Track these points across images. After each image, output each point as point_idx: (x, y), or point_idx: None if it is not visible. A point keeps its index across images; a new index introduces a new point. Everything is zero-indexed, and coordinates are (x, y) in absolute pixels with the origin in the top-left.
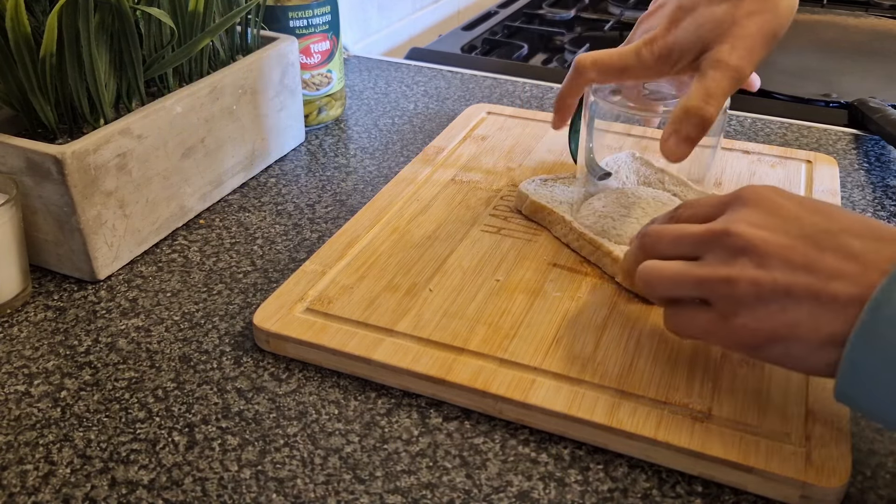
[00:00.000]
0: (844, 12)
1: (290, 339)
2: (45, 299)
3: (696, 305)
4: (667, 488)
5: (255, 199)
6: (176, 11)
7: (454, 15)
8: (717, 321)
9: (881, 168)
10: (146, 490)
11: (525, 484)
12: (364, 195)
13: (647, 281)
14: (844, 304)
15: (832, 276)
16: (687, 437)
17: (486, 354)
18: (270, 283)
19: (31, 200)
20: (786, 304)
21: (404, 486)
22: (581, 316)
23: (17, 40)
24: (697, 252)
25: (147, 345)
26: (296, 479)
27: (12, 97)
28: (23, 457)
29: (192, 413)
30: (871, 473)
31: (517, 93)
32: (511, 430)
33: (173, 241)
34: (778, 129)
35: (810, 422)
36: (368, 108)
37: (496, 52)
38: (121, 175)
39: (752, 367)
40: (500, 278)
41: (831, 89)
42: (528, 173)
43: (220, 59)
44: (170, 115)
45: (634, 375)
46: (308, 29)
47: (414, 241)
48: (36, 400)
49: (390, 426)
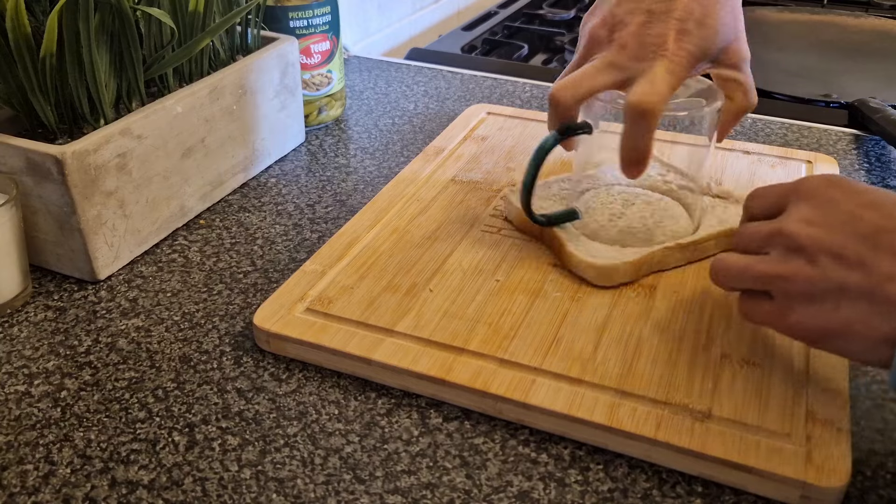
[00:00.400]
0: (844, 12)
1: (291, 340)
2: (46, 299)
3: (763, 298)
4: (667, 488)
5: (255, 199)
6: (176, 11)
7: (454, 15)
8: (776, 315)
9: (881, 168)
10: (146, 490)
11: (525, 484)
12: (364, 195)
13: (716, 272)
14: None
15: (888, 277)
16: (687, 437)
17: (486, 354)
18: (270, 284)
19: (32, 200)
20: (839, 302)
21: (404, 486)
22: (581, 316)
23: (18, 40)
24: (762, 248)
25: (147, 345)
26: (296, 479)
27: (12, 97)
28: (23, 457)
29: (193, 413)
30: (871, 473)
31: (517, 93)
32: (511, 430)
33: (173, 241)
34: (778, 130)
35: (810, 422)
36: (368, 109)
37: (496, 52)
38: (121, 175)
39: (752, 367)
40: (500, 278)
41: (831, 89)
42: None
43: (220, 59)
44: (170, 115)
45: (634, 375)
46: (308, 29)
47: (414, 241)
48: (36, 400)
49: (390, 426)
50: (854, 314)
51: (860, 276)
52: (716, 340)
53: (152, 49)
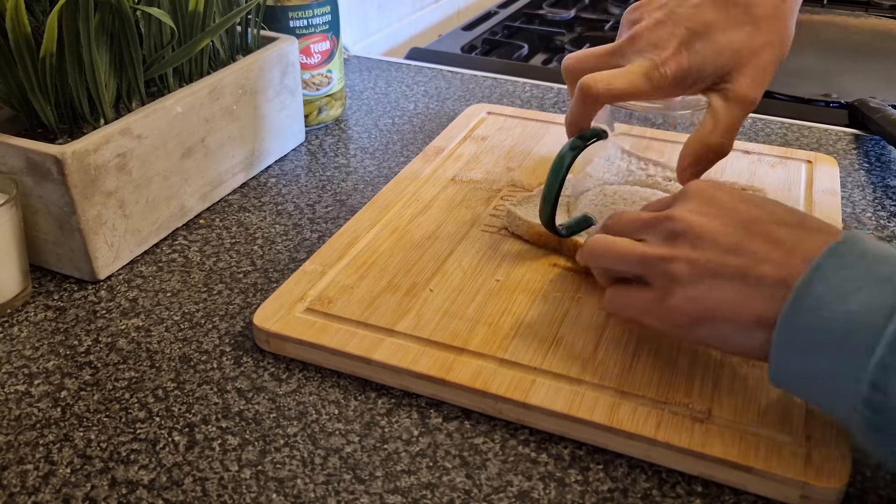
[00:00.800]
0: (844, 12)
1: (291, 339)
2: (46, 299)
3: (637, 287)
4: (667, 488)
5: (255, 199)
6: (176, 11)
7: (454, 15)
8: (653, 301)
9: (881, 168)
10: (146, 490)
11: (525, 484)
12: (364, 195)
13: (593, 251)
14: (771, 286)
15: (760, 259)
16: (687, 437)
17: (486, 354)
18: (270, 283)
19: (31, 200)
20: (714, 283)
21: (404, 486)
22: (581, 316)
23: (18, 40)
24: (644, 234)
25: (147, 345)
26: (296, 479)
27: (12, 97)
28: (23, 457)
29: (193, 413)
30: (871, 473)
31: (517, 93)
32: (511, 430)
33: (173, 241)
34: (778, 129)
35: (810, 422)
36: (368, 108)
37: (496, 52)
38: (121, 175)
39: (753, 367)
40: (500, 278)
41: (831, 89)
42: (528, 173)
43: (220, 59)
44: (170, 115)
45: (634, 375)
46: (308, 29)
47: (414, 241)
48: (36, 400)
49: (390, 426)
50: (728, 294)
51: (736, 259)
52: None
53: (152, 49)
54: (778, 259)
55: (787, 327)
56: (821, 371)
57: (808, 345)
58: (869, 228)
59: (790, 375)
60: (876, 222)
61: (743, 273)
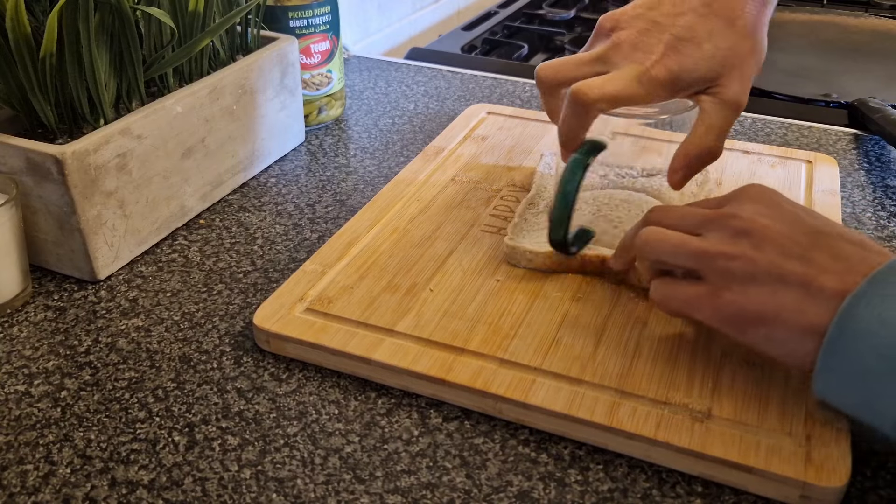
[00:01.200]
0: (844, 12)
1: (290, 339)
2: (45, 299)
3: (687, 281)
4: (667, 488)
5: (255, 199)
6: (176, 11)
7: (454, 15)
8: (705, 295)
9: (881, 168)
10: (146, 490)
11: (525, 484)
12: (364, 195)
13: (648, 242)
14: (829, 297)
15: (823, 270)
16: (687, 437)
17: (486, 354)
18: (270, 283)
19: (31, 200)
20: (776, 287)
21: (404, 486)
22: (581, 316)
23: (18, 40)
24: (701, 229)
25: (147, 345)
26: (296, 479)
27: (12, 97)
28: (23, 457)
29: (192, 413)
30: (871, 473)
31: (517, 93)
32: (511, 430)
33: (173, 241)
34: (778, 130)
35: (810, 422)
36: (368, 108)
37: (496, 52)
38: (121, 175)
39: (752, 367)
40: (500, 278)
41: (831, 89)
42: (528, 174)
43: (220, 59)
44: (170, 115)
45: (634, 375)
46: (308, 29)
47: (414, 241)
48: (36, 400)
49: (390, 426)
50: (788, 300)
51: (799, 266)
52: (716, 340)
53: (152, 49)
54: (840, 272)
55: (838, 332)
56: (869, 388)
57: (856, 352)
58: (869, 228)
59: (834, 382)
60: (876, 222)
61: (807, 281)
